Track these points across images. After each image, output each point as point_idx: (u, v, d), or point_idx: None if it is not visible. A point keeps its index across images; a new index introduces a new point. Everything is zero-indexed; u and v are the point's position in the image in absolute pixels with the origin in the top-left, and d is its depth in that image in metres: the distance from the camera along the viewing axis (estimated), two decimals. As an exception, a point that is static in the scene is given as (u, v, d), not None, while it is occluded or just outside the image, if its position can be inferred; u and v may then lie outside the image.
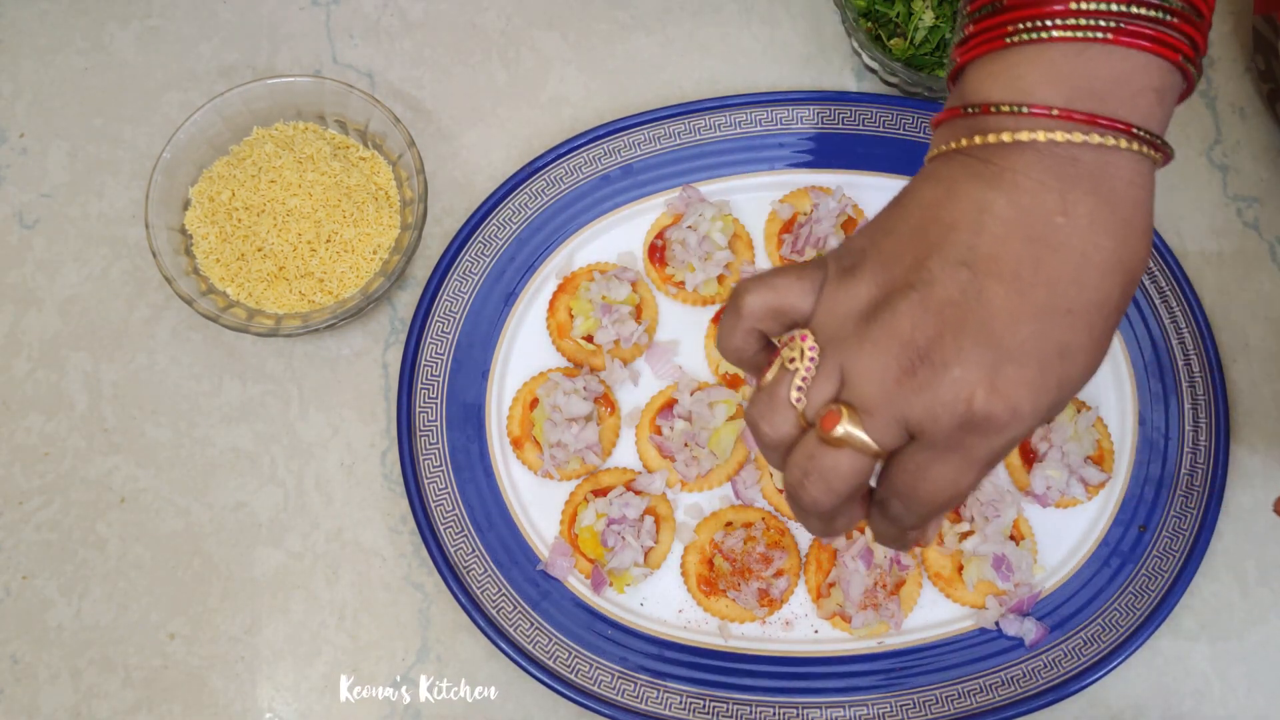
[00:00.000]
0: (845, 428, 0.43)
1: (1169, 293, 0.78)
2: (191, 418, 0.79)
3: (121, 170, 0.84)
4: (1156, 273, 0.79)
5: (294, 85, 0.79)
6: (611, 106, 0.85)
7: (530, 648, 0.72)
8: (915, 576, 0.74)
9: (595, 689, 0.72)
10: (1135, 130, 0.43)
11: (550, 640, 0.73)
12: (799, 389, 0.45)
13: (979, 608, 0.74)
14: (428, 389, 0.77)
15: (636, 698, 0.72)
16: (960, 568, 0.74)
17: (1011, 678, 0.72)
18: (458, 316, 0.78)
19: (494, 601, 0.73)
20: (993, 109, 0.44)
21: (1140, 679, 0.74)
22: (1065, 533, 0.76)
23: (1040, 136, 0.43)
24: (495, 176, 0.83)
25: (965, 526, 0.74)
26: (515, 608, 0.73)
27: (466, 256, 0.79)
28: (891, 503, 0.46)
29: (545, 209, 0.80)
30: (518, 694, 0.74)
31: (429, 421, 0.76)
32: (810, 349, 0.45)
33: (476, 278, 0.79)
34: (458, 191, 0.83)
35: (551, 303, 0.79)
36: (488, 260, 0.79)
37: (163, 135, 0.83)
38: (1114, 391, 0.78)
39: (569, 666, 0.72)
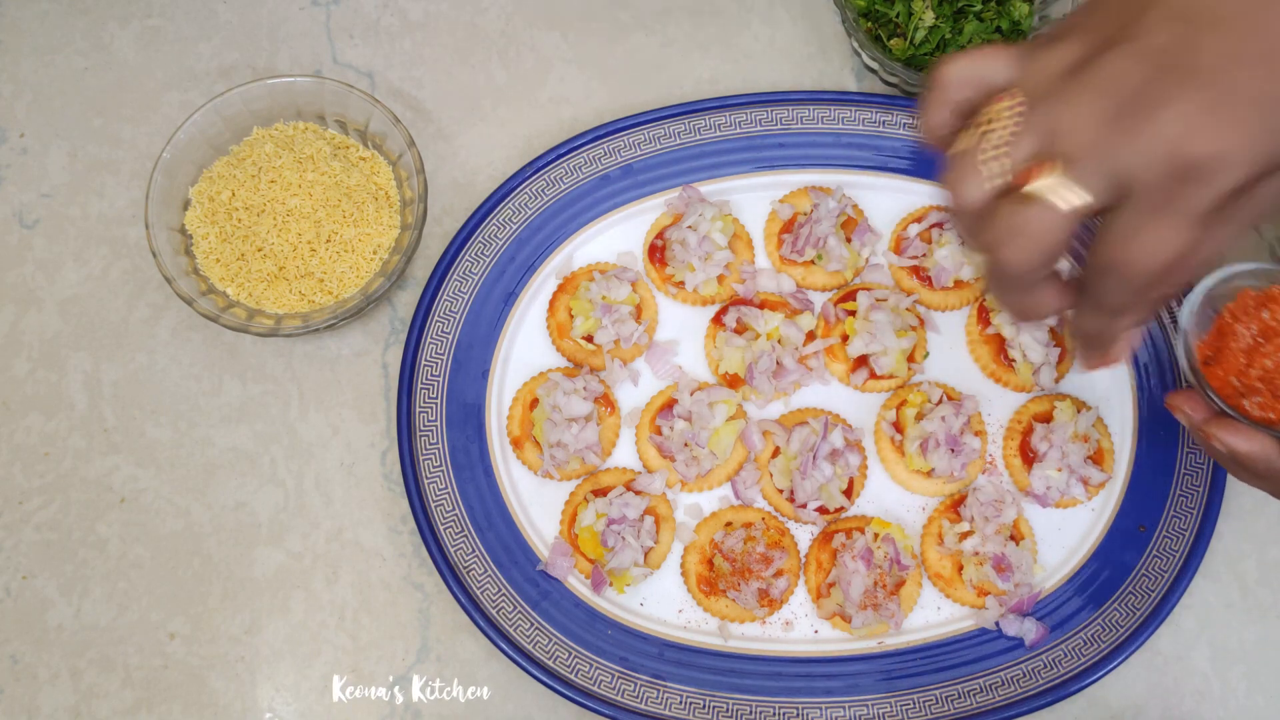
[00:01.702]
0: (1047, 179, 0.42)
1: (1169, 293, 0.78)
2: (191, 418, 0.79)
3: (121, 170, 0.84)
4: (1156, 273, 0.78)
5: (294, 85, 0.79)
6: (611, 106, 0.85)
7: (530, 648, 0.72)
8: (915, 576, 0.74)
9: (595, 689, 0.72)
10: None
11: (550, 640, 0.73)
12: (998, 147, 0.43)
13: (979, 608, 0.74)
14: (428, 389, 0.77)
15: (636, 698, 0.72)
16: (960, 568, 0.74)
17: (1011, 678, 0.72)
18: (458, 316, 0.78)
19: (494, 601, 0.73)
20: None
21: (1140, 679, 0.74)
22: (1065, 533, 0.76)
23: None
24: (495, 176, 0.83)
25: (965, 526, 0.74)
26: (515, 608, 0.73)
27: (466, 256, 0.79)
28: (1101, 282, 0.45)
29: (545, 209, 0.80)
30: (518, 694, 0.74)
31: (429, 421, 0.76)
32: (1011, 107, 0.44)
33: (476, 278, 0.79)
34: (458, 191, 0.83)
35: (551, 303, 0.79)
36: (488, 260, 0.79)
37: (163, 135, 0.83)
38: (1114, 391, 0.78)
39: (569, 666, 0.72)
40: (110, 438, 0.78)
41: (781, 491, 0.75)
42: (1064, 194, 0.42)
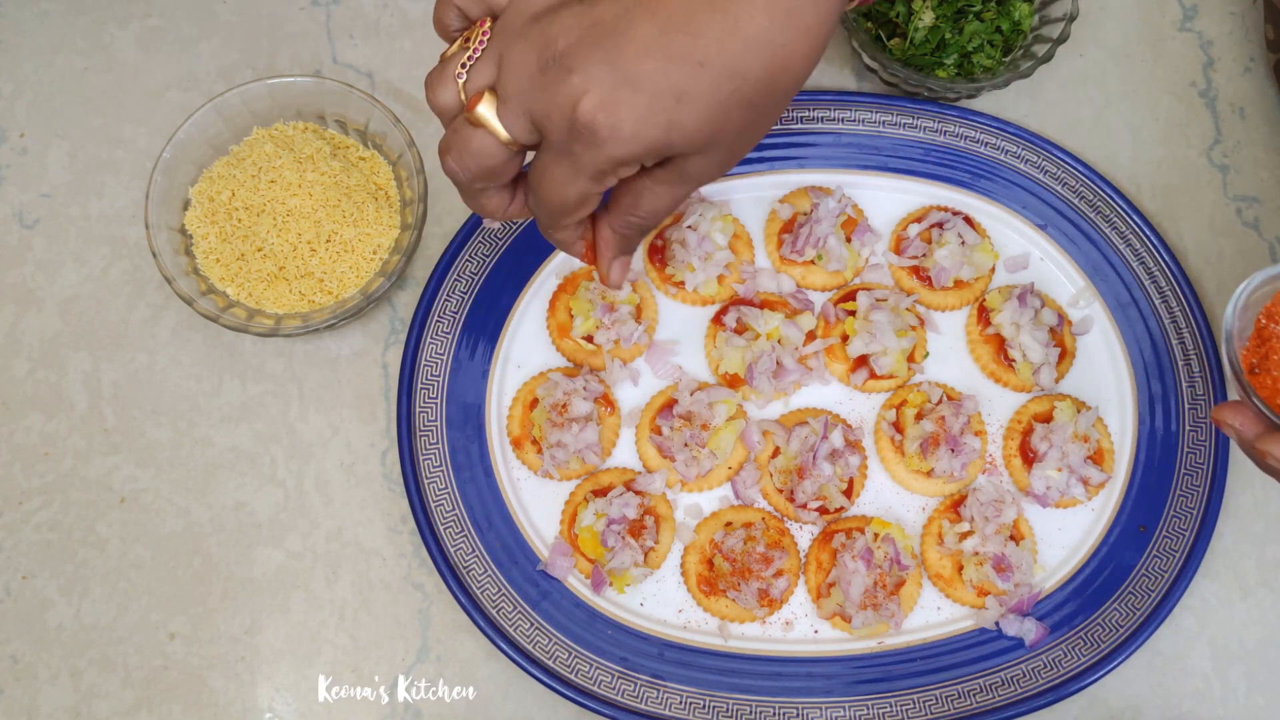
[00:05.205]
0: (483, 109, 0.48)
1: (1169, 293, 0.78)
2: (191, 418, 0.79)
3: (121, 170, 0.84)
4: (1156, 273, 0.79)
5: (294, 85, 0.79)
6: (611, 106, 0.85)
7: (530, 648, 0.72)
8: (915, 576, 0.74)
9: (595, 689, 0.72)
10: None
11: (550, 640, 0.73)
12: (463, 65, 0.49)
13: (979, 608, 0.74)
14: (428, 389, 0.77)
15: (636, 698, 0.72)
16: (960, 568, 0.74)
17: (1011, 678, 0.72)
18: (458, 316, 0.78)
19: (494, 601, 0.73)
20: None
21: (1140, 679, 0.74)
22: (1065, 533, 0.76)
23: None
24: (495, 176, 0.83)
25: (965, 526, 0.74)
26: (515, 608, 0.73)
27: (466, 256, 0.79)
28: (529, 195, 0.52)
29: (545, 209, 0.80)
30: (518, 694, 0.74)
31: (429, 421, 0.76)
32: (484, 33, 0.50)
33: (476, 278, 0.79)
34: (458, 191, 0.83)
35: (551, 303, 0.79)
36: (488, 260, 0.79)
37: (163, 135, 0.83)
38: (1114, 391, 0.78)
39: (569, 666, 0.72)
40: (110, 438, 0.78)
41: (781, 491, 0.75)
42: (493, 126, 0.49)
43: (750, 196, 0.82)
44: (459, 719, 0.74)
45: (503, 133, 0.49)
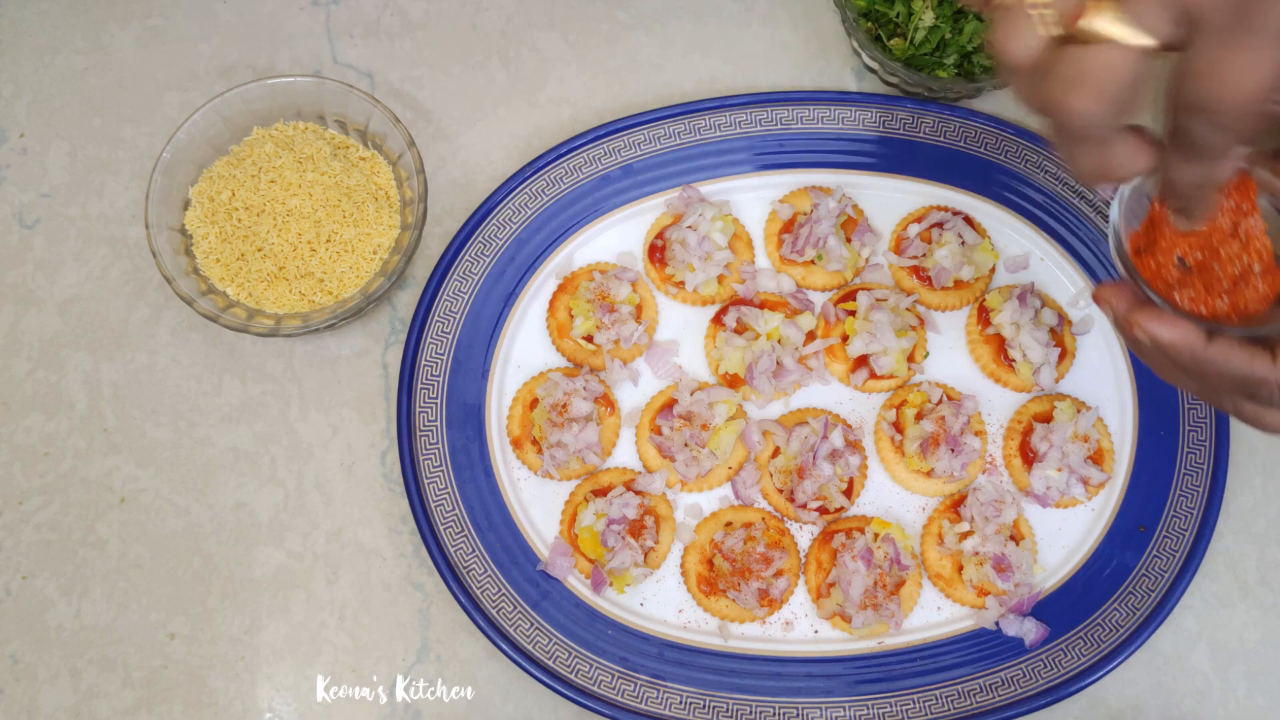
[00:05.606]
0: (1102, 17, 0.39)
1: (1169, 293, 0.78)
2: (191, 418, 0.79)
3: (121, 170, 0.84)
4: (1156, 273, 0.79)
5: (294, 85, 0.79)
6: (611, 106, 0.85)
7: (530, 648, 0.72)
8: (915, 576, 0.74)
9: (595, 689, 0.72)
10: None
11: (550, 640, 0.73)
12: None
13: (979, 608, 0.74)
14: (428, 389, 0.77)
15: (636, 698, 0.72)
16: (960, 568, 0.74)
17: (1011, 678, 0.72)
18: (458, 316, 0.78)
19: (494, 601, 0.73)
20: None
21: (1140, 679, 0.74)
22: (1065, 533, 0.76)
23: None
24: (495, 176, 0.83)
25: (965, 526, 0.74)
26: (515, 608, 0.73)
27: (466, 256, 0.79)
28: (1191, 124, 0.41)
29: (545, 209, 0.80)
30: (518, 694, 0.74)
31: (429, 421, 0.76)
32: None
33: (476, 278, 0.79)
34: (458, 191, 0.83)
35: (551, 303, 0.79)
36: (488, 260, 0.79)
37: (163, 135, 0.83)
38: (1114, 391, 0.78)
39: (569, 666, 0.72)
40: (110, 438, 0.78)
41: (781, 491, 0.75)
42: (1124, 29, 0.39)
43: (750, 196, 0.82)
44: (459, 719, 0.74)
45: (1138, 31, 0.39)
